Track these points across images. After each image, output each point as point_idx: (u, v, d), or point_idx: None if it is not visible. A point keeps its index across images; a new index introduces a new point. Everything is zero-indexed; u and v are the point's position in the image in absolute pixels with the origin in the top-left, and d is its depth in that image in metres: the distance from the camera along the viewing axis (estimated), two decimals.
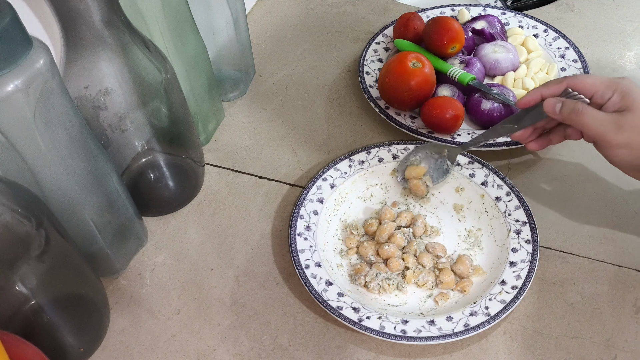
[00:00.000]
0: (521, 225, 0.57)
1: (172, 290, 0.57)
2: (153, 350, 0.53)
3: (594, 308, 0.54)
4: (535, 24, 0.79)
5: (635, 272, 0.56)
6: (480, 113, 0.67)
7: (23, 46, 0.39)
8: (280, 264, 0.59)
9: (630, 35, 0.80)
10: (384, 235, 0.58)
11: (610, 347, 0.51)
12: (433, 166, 0.61)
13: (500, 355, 0.51)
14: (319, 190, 0.62)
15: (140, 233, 0.60)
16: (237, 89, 0.76)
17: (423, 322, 0.51)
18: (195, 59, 0.62)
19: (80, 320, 0.52)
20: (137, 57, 0.52)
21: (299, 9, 0.89)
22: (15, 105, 0.40)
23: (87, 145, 0.48)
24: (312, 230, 0.59)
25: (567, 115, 0.53)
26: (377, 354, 0.52)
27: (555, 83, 0.55)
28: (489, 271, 0.56)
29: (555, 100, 0.54)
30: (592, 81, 0.53)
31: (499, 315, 0.51)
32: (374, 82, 0.73)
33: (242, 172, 0.68)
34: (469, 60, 0.71)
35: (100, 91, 0.52)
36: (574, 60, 0.73)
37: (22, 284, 0.44)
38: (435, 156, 0.62)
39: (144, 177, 0.63)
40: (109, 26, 0.49)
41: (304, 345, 0.53)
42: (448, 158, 0.61)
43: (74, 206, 0.49)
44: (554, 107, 0.54)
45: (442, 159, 0.61)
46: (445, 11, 0.82)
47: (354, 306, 0.52)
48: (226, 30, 0.69)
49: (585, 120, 0.52)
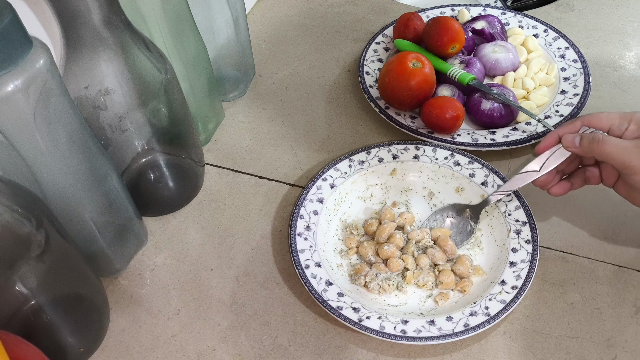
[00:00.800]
0: (521, 225, 0.57)
1: (172, 290, 0.57)
2: (153, 350, 0.53)
3: (594, 308, 0.54)
4: (535, 24, 0.79)
5: (635, 272, 0.56)
6: (480, 113, 0.67)
7: (23, 46, 0.39)
8: (280, 264, 0.59)
9: (630, 35, 0.80)
10: (383, 236, 0.58)
11: (611, 347, 0.51)
12: (455, 230, 0.59)
13: (500, 355, 0.51)
14: (319, 190, 0.62)
15: (140, 233, 0.60)
16: (237, 89, 0.76)
17: (423, 322, 0.51)
18: (195, 59, 0.62)
19: (80, 320, 0.52)
20: (137, 57, 0.52)
21: (299, 9, 0.89)
22: (15, 105, 0.40)
23: (87, 145, 0.48)
24: (312, 230, 0.59)
25: (588, 146, 0.52)
26: (377, 354, 0.52)
27: (569, 123, 0.55)
28: (488, 271, 0.56)
29: (573, 135, 0.54)
30: (606, 115, 0.53)
31: (499, 316, 0.51)
32: (374, 82, 0.73)
33: (242, 172, 0.68)
34: (469, 60, 0.71)
35: (100, 91, 0.52)
36: (574, 60, 0.73)
37: (22, 284, 0.44)
38: (457, 218, 0.60)
39: (144, 177, 0.63)
40: (109, 26, 0.49)
41: (304, 345, 0.53)
42: (470, 218, 0.59)
43: (74, 206, 0.49)
44: (573, 141, 0.53)
45: (464, 221, 0.59)
46: (445, 11, 0.82)
47: (354, 306, 0.52)
48: (226, 30, 0.69)
49: (608, 149, 0.51)
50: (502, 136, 0.65)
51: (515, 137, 0.65)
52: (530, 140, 0.64)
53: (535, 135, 0.65)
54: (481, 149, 0.64)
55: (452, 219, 0.60)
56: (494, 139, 0.65)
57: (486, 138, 0.65)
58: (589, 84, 0.70)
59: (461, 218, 0.59)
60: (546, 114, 0.67)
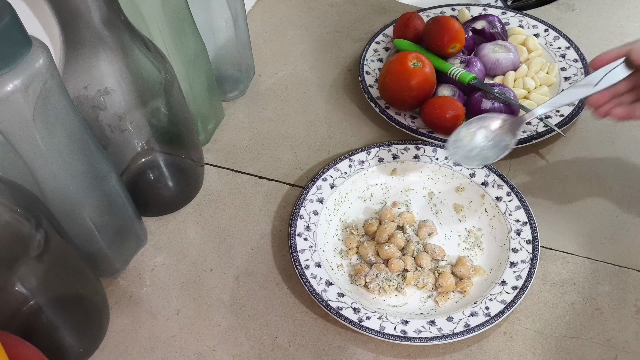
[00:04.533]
0: (521, 225, 0.57)
1: (172, 290, 0.57)
2: (152, 351, 0.53)
3: (595, 308, 0.53)
4: (536, 24, 0.79)
5: (636, 272, 0.56)
6: (480, 112, 0.67)
7: (22, 46, 0.39)
8: (280, 264, 0.59)
9: (631, 35, 0.80)
10: (384, 236, 0.58)
11: (611, 348, 0.51)
12: (490, 143, 0.52)
13: (501, 355, 0.51)
14: (319, 190, 0.62)
15: (140, 233, 0.60)
16: (236, 88, 0.76)
17: (423, 322, 0.51)
18: (195, 58, 0.62)
19: (80, 320, 0.52)
20: (137, 57, 0.52)
21: (299, 9, 0.89)
22: (15, 105, 0.39)
23: (86, 145, 0.48)
24: (312, 230, 0.59)
25: None
26: (377, 354, 0.52)
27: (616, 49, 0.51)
28: (489, 271, 0.56)
29: None
30: None
31: (499, 316, 0.51)
32: (374, 82, 0.73)
33: (242, 172, 0.67)
34: (469, 60, 0.71)
35: (100, 91, 0.52)
36: (575, 60, 0.73)
37: (21, 284, 0.44)
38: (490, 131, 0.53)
39: (143, 177, 0.63)
40: (108, 26, 0.49)
41: (304, 345, 0.53)
42: (508, 132, 0.52)
43: (74, 206, 0.49)
44: None
45: (500, 135, 0.52)
46: (446, 11, 0.82)
47: (354, 306, 0.52)
48: (226, 30, 0.69)
49: None
50: None
51: None
52: (531, 140, 0.64)
53: (536, 135, 0.65)
54: None
55: (485, 130, 0.54)
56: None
57: None
58: None
59: (497, 131, 0.53)
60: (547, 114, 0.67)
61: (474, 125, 0.55)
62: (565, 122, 0.66)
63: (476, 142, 0.54)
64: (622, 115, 0.52)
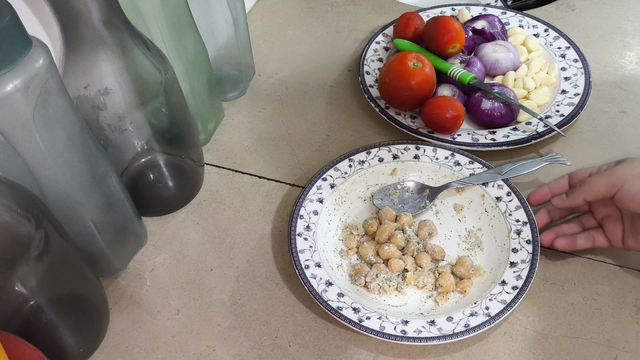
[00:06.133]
0: (522, 225, 0.57)
1: (172, 290, 0.57)
2: (153, 351, 0.53)
3: (595, 308, 0.53)
4: (536, 24, 0.79)
5: (636, 272, 0.56)
6: (480, 112, 0.67)
7: (22, 46, 0.39)
8: (280, 264, 0.59)
9: (631, 35, 0.80)
10: (384, 236, 0.58)
11: (611, 348, 0.51)
12: (410, 203, 0.61)
13: (501, 355, 0.51)
14: (319, 190, 0.62)
15: (140, 233, 0.60)
16: (236, 88, 0.76)
17: (423, 322, 0.51)
18: (195, 58, 0.62)
19: (80, 320, 0.52)
20: (137, 57, 0.52)
21: (299, 9, 0.89)
22: (15, 105, 0.39)
23: (86, 145, 0.48)
24: (312, 230, 0.59)
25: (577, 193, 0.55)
26: (377, 354, 0.52)
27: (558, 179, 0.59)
28: (489, 271, 0.56)
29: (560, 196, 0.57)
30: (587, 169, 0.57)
31: (499, 316, 0.51)
32: (374, 82, 0.73)
33: (242, 172, 0.67)
34: (469, 60, 0.71)
35: (100, 91, 0.52)
36: (575, 60, 0.73)
37: (21, 284, 0.44)
38: (415, 196, 0.62)
39: (143, 177, 0.63)
40: (108, 26, 0.49)
41: (304, 345, 0.53)
42: (428, 198, 0.61)
43: (74, 206, 0.49)
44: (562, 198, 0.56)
45: (420, 199, 0.61)
46: (446, 11, 0.82)
47: (354, 306, 0.52)
48: (226, 30, 0.69)
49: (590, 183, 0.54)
50: (503, 136, 0.65)
51: (515, 137, 0.65)
52: (531, 140, 0.64)
53: (536, 135, 0.65)
54: (481, 148, 0.64)
55: (409, 193, 0.62)
56: (494, 139, 0.65)
57: (486, 138, 0.65)
58: (589, 83, 0.70)
59: (419, 196, 0.62)
60: (547, 114, 0.67)
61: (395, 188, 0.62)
62: (565, 122, 0.66)
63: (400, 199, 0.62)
64: (564, 247, 0.56)
